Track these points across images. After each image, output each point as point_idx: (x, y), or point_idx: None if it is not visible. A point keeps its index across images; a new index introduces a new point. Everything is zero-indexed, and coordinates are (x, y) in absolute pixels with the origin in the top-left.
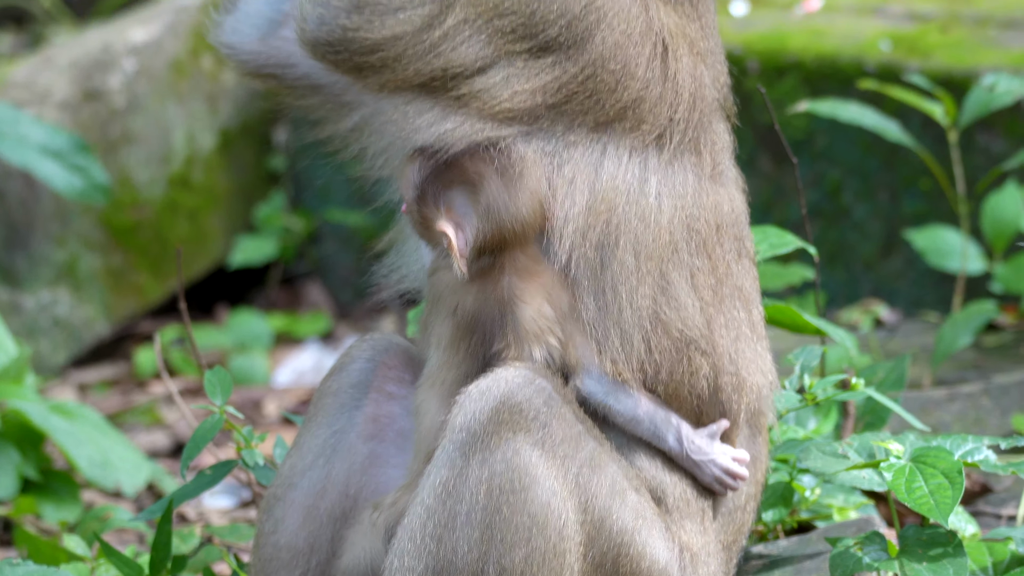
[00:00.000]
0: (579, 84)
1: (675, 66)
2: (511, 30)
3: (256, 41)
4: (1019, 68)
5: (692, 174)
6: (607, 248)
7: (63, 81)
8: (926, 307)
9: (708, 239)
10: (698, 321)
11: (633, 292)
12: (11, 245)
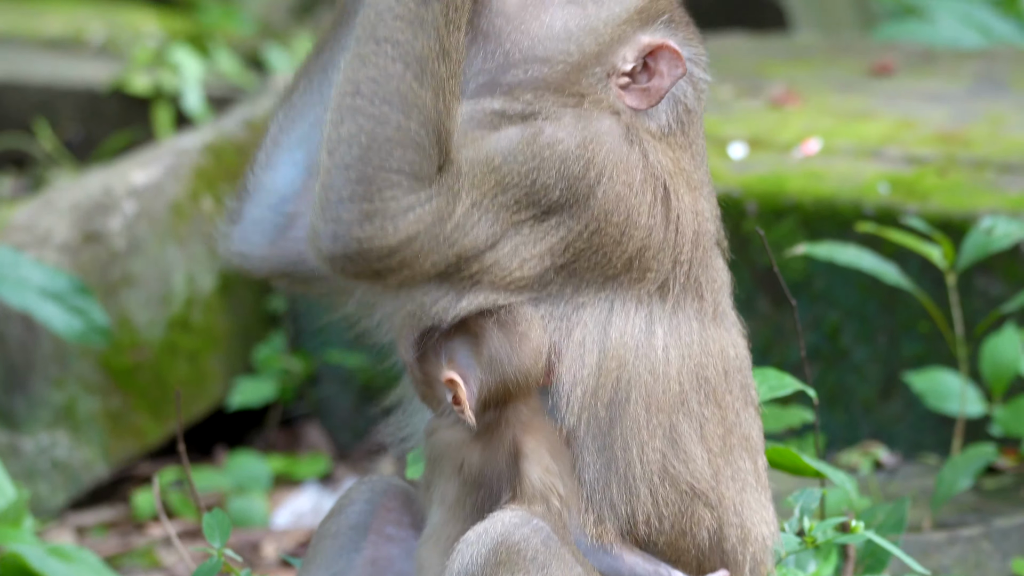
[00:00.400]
0: (585, 241)
1: (677, 207)
2: (515, 202)
3: (266, 246)
4: (1017, 211)
5: (696, 320)
6: (617, 406)
7: (63, 224)
8: (925, 449)
9: (718, 387)
10: (706, 473)
11: (643, 447)
12: (10, 387)
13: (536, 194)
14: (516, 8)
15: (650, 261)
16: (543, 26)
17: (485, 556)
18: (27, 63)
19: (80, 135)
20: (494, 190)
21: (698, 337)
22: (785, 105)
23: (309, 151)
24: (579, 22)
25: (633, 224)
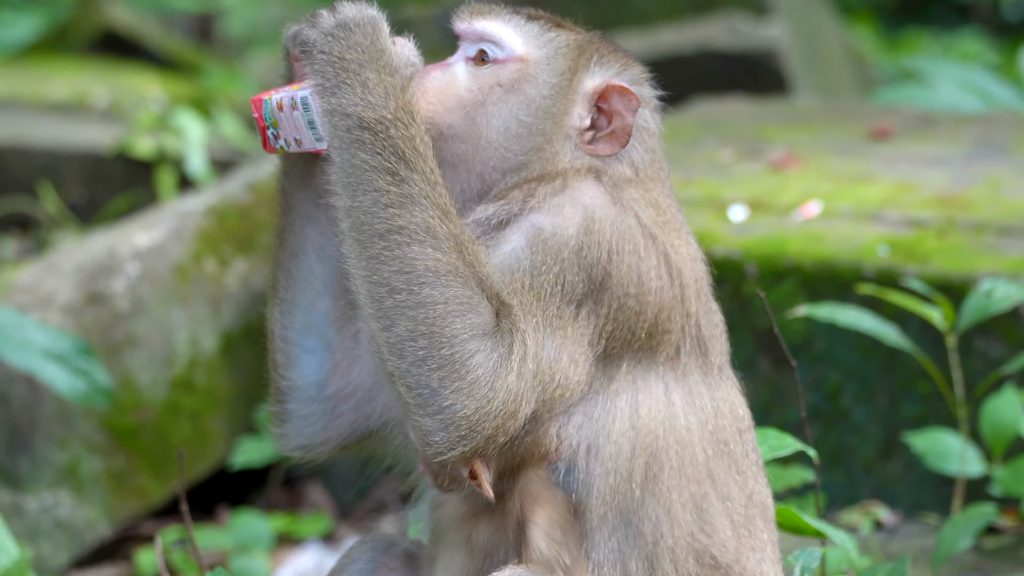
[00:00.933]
0: (612, 321)
1: (676, 260)
2: (556, 308)
3: (321, 433)
4: (1016, 274)
5: (703, 383)
6: (649, 483)
7: (67, 285)
8: (926, 509)
9: (735, 450)
10: (730, 546)
11: (674, 521)
12: (14, 448)
13: (567, 292)
14: (466, 127)
15: (666, 322)
16: (497, 130)
17: None
18: (31, 127)
19: (84, 198)
20: (539, 306)
21: (709, 399)
22: (785, 168)
23: (318, 336)
24: (527, 110)
25: (647, 290)
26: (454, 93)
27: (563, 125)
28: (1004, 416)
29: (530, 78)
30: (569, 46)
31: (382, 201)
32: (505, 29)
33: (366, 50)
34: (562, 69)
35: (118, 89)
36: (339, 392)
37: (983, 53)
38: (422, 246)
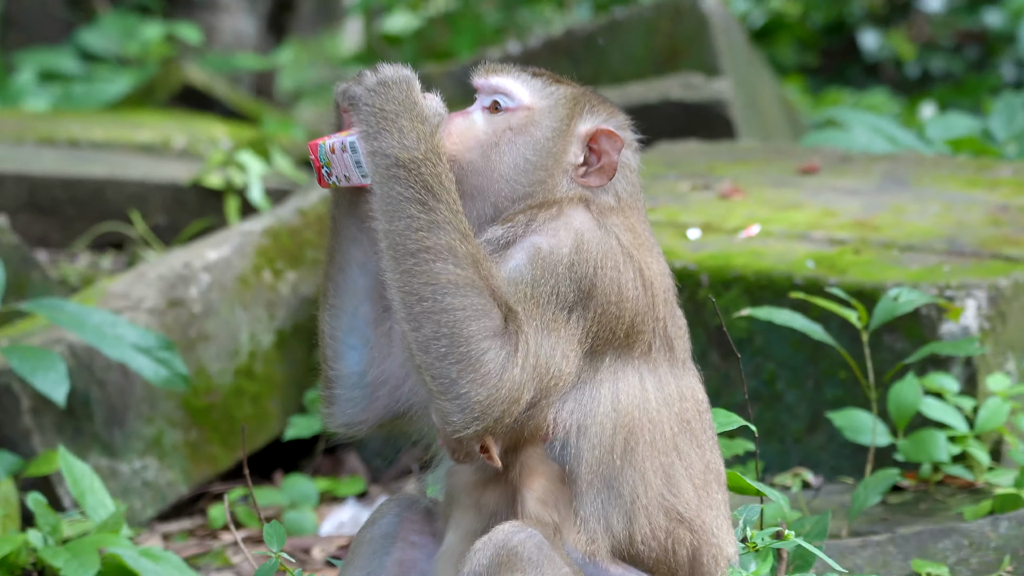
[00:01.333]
0: (597, 323)
1: (649, 275)
2: (551, 314)
3: (360, 414)
4: (917, 283)
5: (670, 373)
6: (628, 454)
7: (152, 292)
8: (843, 473)
9: (695, 428)
10: (692, 504)
11: (648, 485)
12: (110, 423)
13: (561, 300)
14: (482, 163)
15: (640, 325)
16: (508, 166)
17: (490, 558)
18: (125, 164)
19: (166, 222)
20: (538, 312)
21: (675, 387)
22: (731, 197)
23: (359, 335)
24: (532, 149)
25: (625, 298)
26: (473, 135)
27: (562, 162)
28: (906, 398)
29: (535, 123)
30: (567, 97)
31: (413, 226)
32: (515, 83)
33: (402, 103)
34: (561, 116)
35: (193, 134)
36: (376, 380)
37: (888, 105)
38: (445, 263)
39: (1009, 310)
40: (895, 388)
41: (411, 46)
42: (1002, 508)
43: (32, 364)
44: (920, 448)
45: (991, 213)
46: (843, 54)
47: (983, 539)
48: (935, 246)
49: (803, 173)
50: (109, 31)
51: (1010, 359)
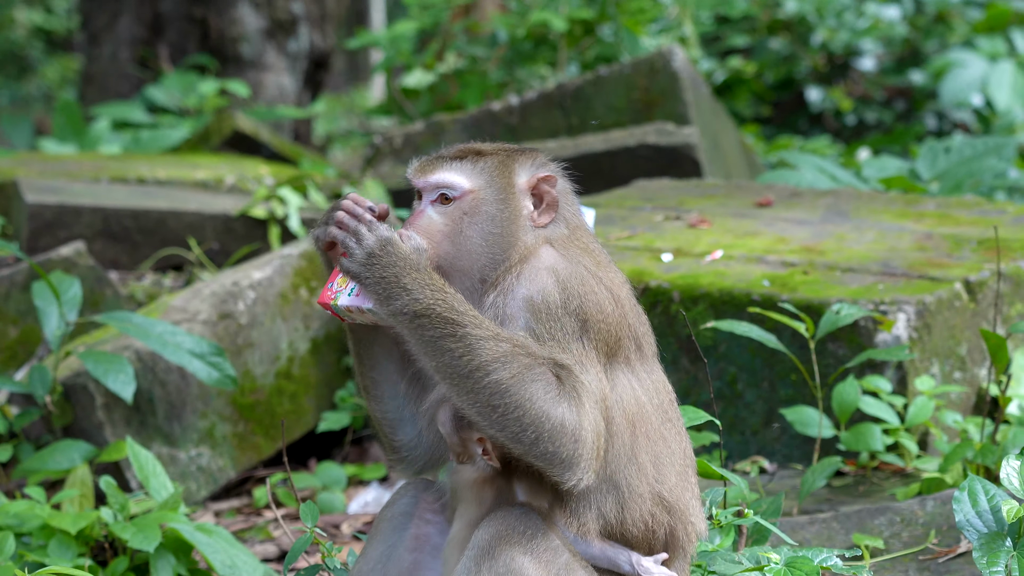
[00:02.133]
0: (598, 341)
1: (614, 289)
2: (573, 347)
3: (426, 464)
4: (856, 299)
5: (643, 370)
6: (632, 449)
7: (206, 306)
8: (794, 461)
9: (673, 417)
10: (676, 490)
11: (644, 476)
12: (170, 417)
13: (571, 334)
14: (455, 250)
15: (619, 333)
16: (477, 244)
17: (491, 534)
18: (184, 199)
19: (218, 247)
20: (568, 352)
21: (650, 381)
22: (698, 227)
23: (402, 409)
24: (492, 223)
25: (607, 314)
26: (437, 230)
27: (519, 219)
28: (847, 396)
29: (484, 201)
30: (496, 167)
31: (456, 354)
32: (453, 176)
33: (394, 264)
34: (501, 185)
35: (242, 173)
36: (430, 440)
37: (830, 149)
38: (496, 371)
39: (934, 322)
40: (838, 388)
41: (426, 99)
42: (928, 490)
43: (104, 367)
44: (859, 439)
45: (918, 240)
46: (792, 106)
47: (912, 516)
48: (871, 268)
49: (759, 206)
50: (172, 87)
51: (935, 364)
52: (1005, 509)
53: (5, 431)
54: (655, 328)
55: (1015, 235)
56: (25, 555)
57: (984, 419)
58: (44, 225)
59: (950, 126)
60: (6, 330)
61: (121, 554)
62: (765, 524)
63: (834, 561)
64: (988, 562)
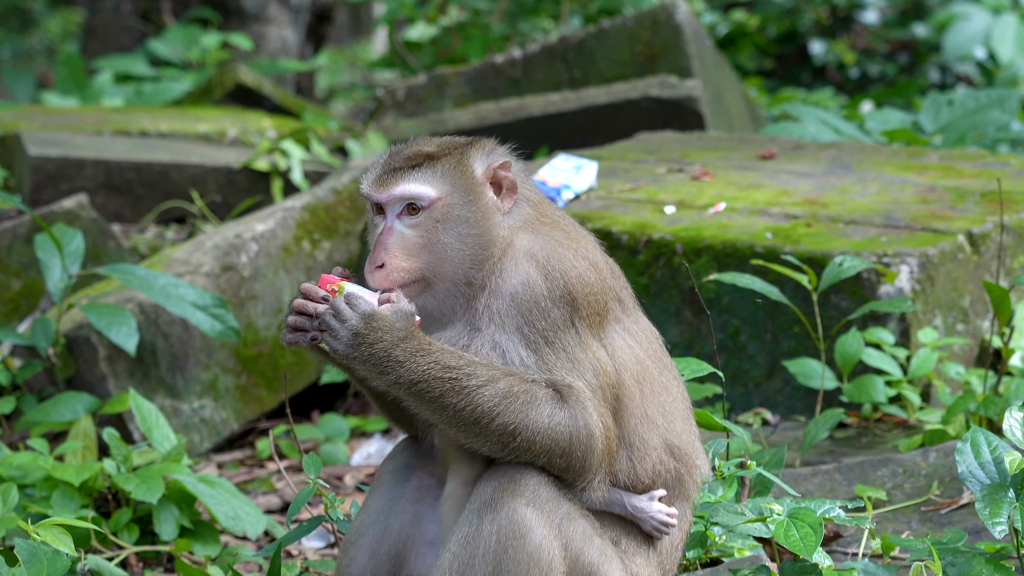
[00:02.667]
0: (590, 314)
1: (591, 256)
2: (565, 335)
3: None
4: (859, 251)
5: (633, 322)
6: (634, 402)
7: (209, 259)
8: (797, 412)
9: (667, 362)
10: (684, 436)
11: (655, 427)
12: (173, 369)
13: (563, 320)
14: (436, 260)
15: (605, 298)
16: (456, 249)
17: (494, 485)
18: (186, 151)
19: (221, 200)
20: (561, 346)
21: (639, 331)
22: (701, 179)
23: None
24: (466, 224)
25: (591, 285)
26: (412, 244)
27: (490, 212)
28: (850, 348)
29: (453, 205)
30: (455, 167)
31: (458, 407)
32: (416, 186)
33: (382, 340)
34: (465, 185)
35: (244, 126)
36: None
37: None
38: (502, 415)
39: (937, 274)
40: (840, 340)
41: (429, 52)
42: (931, 441)
43: (107, 319)
44: (862, 391)
45: (921, 193)
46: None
47: (915, 468)
48: (874, 220)
49: (762, 159)
50: (174, 40)
51: (937, 316)
52: (1008, 460)
53: (8, 383)
54: (658, 281)
55: (1018, 187)
56: (28, 507)
57: (987, 371)
58: (47, 178)
59: (953, 79)
60: (9, 282)
61: (124, 505)
62: (768, 475)
63: (837, 512)
64: (991, 513)
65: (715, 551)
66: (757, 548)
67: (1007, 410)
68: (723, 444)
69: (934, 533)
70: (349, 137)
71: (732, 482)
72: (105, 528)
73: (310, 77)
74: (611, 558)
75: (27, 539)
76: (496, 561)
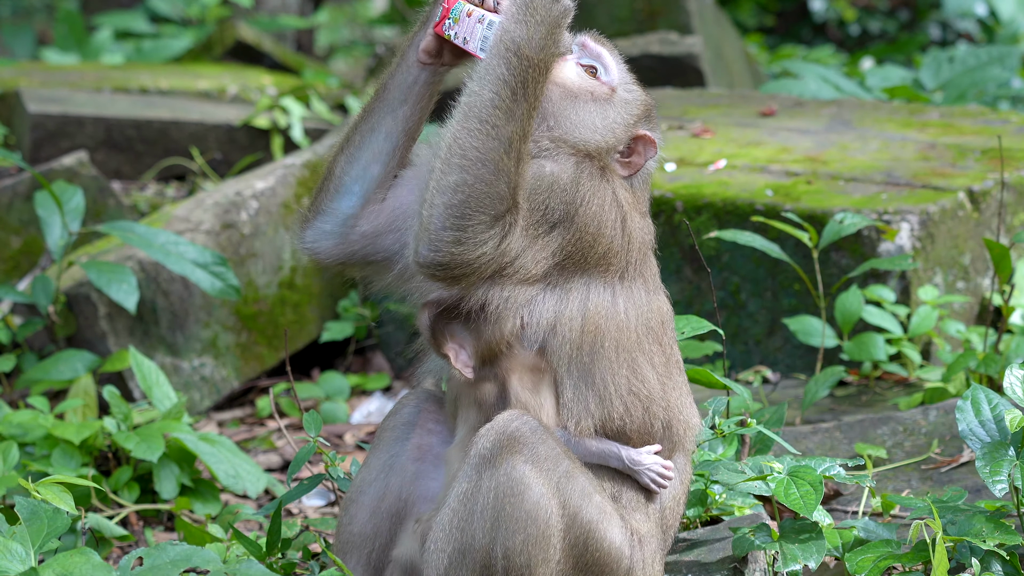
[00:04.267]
0: (572, 245)
1: (631, 225)
2: (535, 222)
3: (333, 248)
4: (859, 208)
5: (643, 291)
6: (596, 352)
7: (209, 216)
8: (797, 370)
9: (658, 332)
10: (656, 387)
11: (615, 375)
12: (173, 327)
13: (548, 214)
14: (559, 104)
15: (611, 259)
16: (576, 115)
17: (492, 442)
18: (186, 108)
19: (221, 157)
20: (528, 215)
21: (644, 302)
22: (702, 136)
23: (362, 186)
24: (599, 117)
25: (601, 234)
26: (566, 78)
27: (611, 142)
28: (850, 306)
29: (611, 104)
30: (641, 103)
31: (495, 102)
32: (614, 64)
33: (550, 13)
34: (632, 113)
35: (244, 83)
36: (360, 227)
37: (833, 59)
38: (500, 145)
39: (937, 232)
40: (841, 298)
41: None
42: (931, 400)
43: (108, 277)
44: (862, 349)
45: (922, 150)
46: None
47: (915, 426)
48: (874, 178)
49: (763, 116)
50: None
51: (938, 273)
52: (1008, 418)
53: (8, 341)
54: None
55: (1019, 144)
56: (29, 465)
57: (987, 329)
58: (46, 135)
59: (954, 36)
60: (9, 240)
61: (124, 464)
62: (768, 433)
63: (837, 470)
64: (991, 471)
65: (715, 509)
66: (757, 506)
67: (1007, 368)
68: (723, 402)
69: (934, 491)
70: (349, 94)
71: (732, 440)
72: (105, 486)
73: (310, 34)
74: (610, 515)
75: (27, 497)
76: (494, 518)
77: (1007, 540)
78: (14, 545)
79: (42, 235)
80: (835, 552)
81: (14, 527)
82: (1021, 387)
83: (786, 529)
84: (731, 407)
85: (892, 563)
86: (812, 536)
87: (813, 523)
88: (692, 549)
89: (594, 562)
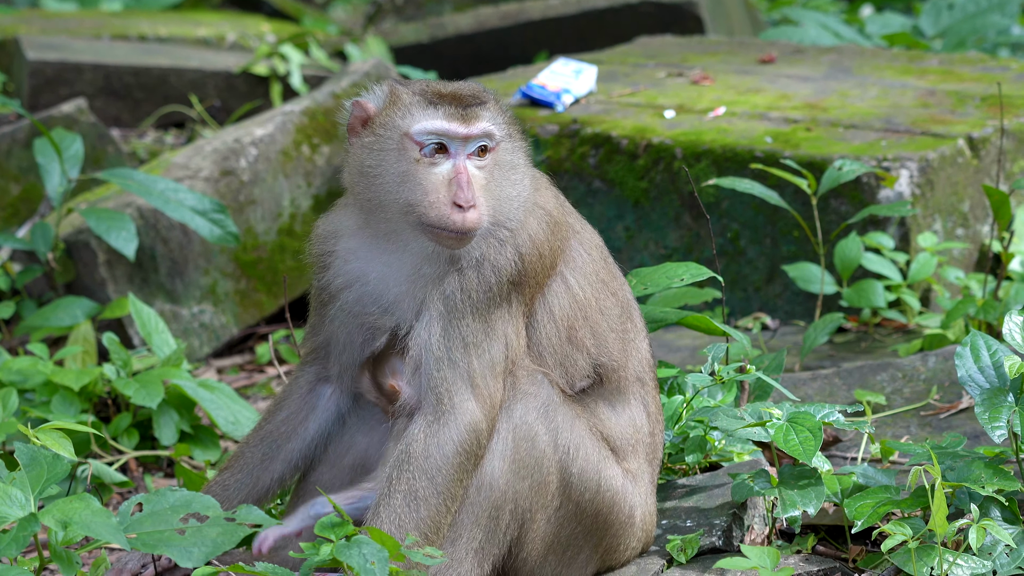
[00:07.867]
0: (530, 270)
1: (552, 213)
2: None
3: None
4: (858, 155)
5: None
6: (571, 339)
7: (208, 163)
8: (796, 317)
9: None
10: (617, 351)
11: (585, 353)
12: (172, 274)
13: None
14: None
15: (559, 250)
16: (512, 195)
17: None
18: (185, 56)
19: (220, 104)
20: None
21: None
22: (701, 83)
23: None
24: (513, 170)
25: (540, 247)
26: (480, 187)
27: (524, 161)
28: (849, 253)
29: (504, 150)
30: (501, 110)
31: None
32: (494, 126)
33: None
34: (508, 131)
35: (243, 30)
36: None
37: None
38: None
39: (936, 179)
40: (840, 245)
41: None
42: (930, 346)
43: (107, 224)
44: (861, 295)
45: (921, 97)
46: None
47: (914, 372)
48: (874, 124)
49: (762, 63)
50: None
51: (937, 220)
52: (1007, 364)
53: (7, 288)
54: (657, 185)
55: (1018, 92)
56: (28, 411)
57: (986, 275)
58: (45, 82)
59: None
60: (8, 187)
61: (124, 410)
62: (767, 380)
63: (836, 416)
64: (990, 417)
65: (714, 455)
66: (756, 452)
67: (1006, 314)
68: (722, 348)
69: (933, 437)
70: (348, 41)
71: (731, 387)
72: (105, 433)
73: None
74: (606, 456)
75: (27, 443)
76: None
77: (1006, 486)
78: (14, 491)
79: (41, 182)
80: (834, 498)
81: (14, 473)
82: (1020, 333)
83: (785, 475)
84: (730, 354)
85: (891, 509)
86: (811, 482)
87: (812, 469)
88: (691, 495)
89: (602, 503)
